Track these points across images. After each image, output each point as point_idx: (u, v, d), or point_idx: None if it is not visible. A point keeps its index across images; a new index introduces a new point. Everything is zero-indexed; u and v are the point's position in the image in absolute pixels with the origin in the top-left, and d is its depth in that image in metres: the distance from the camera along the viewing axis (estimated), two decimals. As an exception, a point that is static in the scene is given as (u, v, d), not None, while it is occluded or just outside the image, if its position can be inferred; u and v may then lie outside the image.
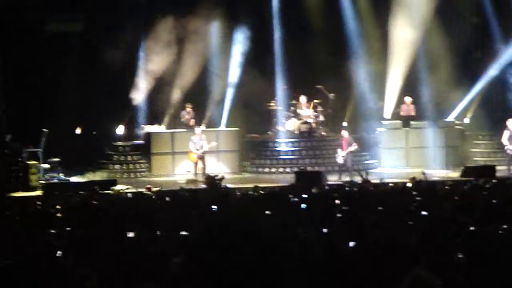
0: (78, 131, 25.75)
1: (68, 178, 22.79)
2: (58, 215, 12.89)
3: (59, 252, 7.65)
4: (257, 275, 3.83)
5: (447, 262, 6.64)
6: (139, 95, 25.62)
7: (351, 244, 7.71)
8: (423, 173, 18.69)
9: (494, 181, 17.69)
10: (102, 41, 25.06)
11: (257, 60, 26.09)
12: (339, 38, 26.41)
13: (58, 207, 14.42)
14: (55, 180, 22.30)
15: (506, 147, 23.03)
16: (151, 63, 25.43)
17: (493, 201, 12.18)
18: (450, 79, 25.77)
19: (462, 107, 26.23)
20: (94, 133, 25.73)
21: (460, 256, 6.84)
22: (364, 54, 26.16)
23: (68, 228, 10.35)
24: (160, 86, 25.65)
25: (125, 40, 25.06)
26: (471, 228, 8.68)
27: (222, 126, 25.63)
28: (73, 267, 6.66)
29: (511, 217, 9.74)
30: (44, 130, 22.70)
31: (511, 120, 23.14)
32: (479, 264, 6.10)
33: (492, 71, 25.76)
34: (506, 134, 22.99)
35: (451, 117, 26.07)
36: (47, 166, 22.65)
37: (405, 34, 25.64)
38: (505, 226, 9.01)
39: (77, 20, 24.75)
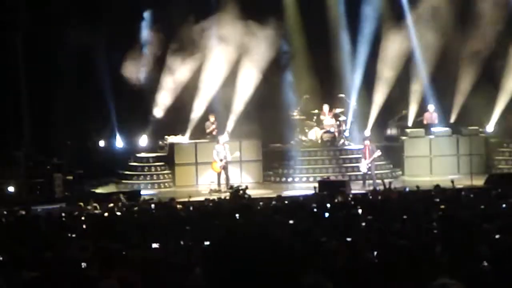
0: (101, 143, 25.85)
1: (92, 190, 22.89)
2: (83, 226, 12.97)
3: (84, 264, 7.69)
4: (280, 284, 3.82)
5: (472, 270, 6.59)
6: (161, 106, 25.73)
7: (375, 252, 7.69)
8: (451, 181, 18.60)
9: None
10: (123, 52, 25.22)
11: (280, 70, 26.13)
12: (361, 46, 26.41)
13: (82, 218, 14.51)
14: (80, 192, 22.39)
15: None
16: (174, 74, 25.52)
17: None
18: (474, 86, 25.66)
19: (487, 114, 26.07)
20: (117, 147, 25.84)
21: (485, 264, 6.80)
22: (387, 61, 26.05)
23: (92, 239, 10.40)
24: (183, 97, 25.71)
25: (147, 51, 25.24)
26: (496, 236, 8.62)
27: (245, 136, 25.62)
28: (97, 279, 6.69)
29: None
30: (68, 142, 22.86)
31: None
32: (505, 272, 6.05)
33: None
34: None
35: (475, 125, 25.90)
36: (71, 177, 22.77)
37: (427, 41, 25.59)
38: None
39: (98, 33, 24.84)
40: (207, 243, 9.34)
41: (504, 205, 13.17)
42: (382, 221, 11.20)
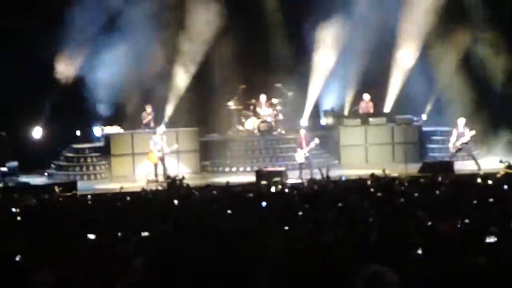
0: (36, 134, 25.45)
1: (27, 181, 22.56)
2: (18, 218, 12.77)
3: (18, 256, 7.59)
4: (222, 275, 3.83)
5: (405, 257, 6.71)
6: (96, 96, 25.41)
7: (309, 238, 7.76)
8: (383, 170, 18.86)
9: (451, 176, 17.90)
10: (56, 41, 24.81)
11: (216, 59, 26.07)
12: (298, 36, 26.51)
13: (17, 210, 14.28)
14: (14, 184, 22.05)
15: (450, 144, 23.37)
16: (110, 63, 25.22)
17: (451, 196, 12.33)
18: (409, 75, 26.04)
19: (421, 103, 26.50)
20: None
21: (418, 251, 6.92)
22: (322, 51, 26.22)
23: (27, 232, 10.27)
24: (120, 86, 25.44)
25: (81, 38, 24.91)
26: (429, 223, 8.78)
27: (182, 126, 25.54)
28: (32, 271, 6.62)
29: (468, 212, 9.88)
30: (2, 133, 22.47)
31: (461, 119, 23.47)
32: (436, 258, 6.18)
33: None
34: (454, 133, 23.37)
35: (409, 114, 26.30)
36: (5, 169, 22.41)
37: (362, 29, 25.82)
38: (466, 221, 9.13)
39: (32, 19, 24.36)
40: (145, 233, 9.30)
41: (437, 192, 13.41)
42: (319, 210, 11.31)
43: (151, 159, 23.32)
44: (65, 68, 24.97)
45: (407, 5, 25.69)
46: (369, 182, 16.86)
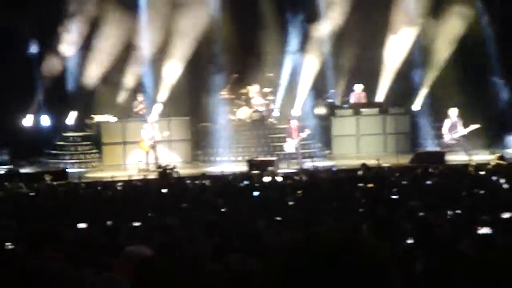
0: (27, 121, 25.40)
1: (17, 169, 22.49)
2: (9, 206, 12.76)
3: (8, 244, 7.56)
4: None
5: (397, 247, 6.71)
6: (88, 83, 25.36)
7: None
8: (377, 159, 18.88)
9: (443, 167, 17.95)
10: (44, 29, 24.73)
11: (208, 48, 26.02)
12: (290, 25, 26.50)
13: (8, 198, 14.28)
14: (4, 171, 21.99)
15: (445, 136, 23.17)
16: (100, 52, 25.17)
17: (442, 186, 12.36)
18: (402, 65, 26.00)
19: (414, 93, 26.47)
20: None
21: (409, 241, 6.92)
22: (316, 40, 26.18)
23: (18, 220, 10.25)
24: (111, 75, 25.40)
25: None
26: (421, 213, 8.79)
27: (174, 115, 25.47)
28: (23, 259, 6.59)
29: (459, 202, 9.90)
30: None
31: (453, 110, 23.27)
32: (428, 248, 6.18)
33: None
34: (447, 123, 23.15)
35: (402, 104, 26.26)
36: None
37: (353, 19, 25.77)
38: (457, 211, 9.15)
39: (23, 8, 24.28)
40: (136, 223, 9.28)
41: (428, 183, 13.45)
42: (310, 200, 11.31)
43: (142, 148, 23.26)
44: (54, 60, 24.94)
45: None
46: (360, 172, 16.91)
